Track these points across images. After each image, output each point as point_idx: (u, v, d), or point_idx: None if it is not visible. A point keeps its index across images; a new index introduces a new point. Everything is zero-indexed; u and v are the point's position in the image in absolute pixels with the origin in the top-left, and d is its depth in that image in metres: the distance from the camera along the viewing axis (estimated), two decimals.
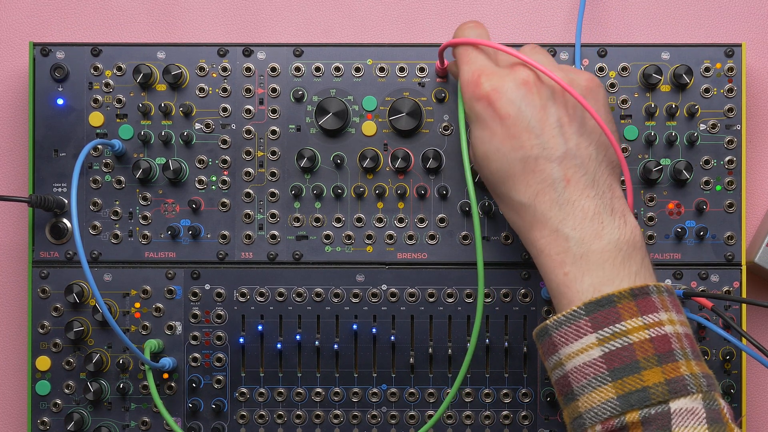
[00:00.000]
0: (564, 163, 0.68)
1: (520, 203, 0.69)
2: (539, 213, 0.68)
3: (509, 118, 0.68)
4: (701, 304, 0.79)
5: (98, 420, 0.82)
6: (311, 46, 0.82)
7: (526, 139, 0.68)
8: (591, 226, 0.67)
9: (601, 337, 0.64)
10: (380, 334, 0.82)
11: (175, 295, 0.82)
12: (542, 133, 0.68)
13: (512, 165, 0.68)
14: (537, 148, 0.68)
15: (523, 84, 0.68)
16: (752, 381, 0.86)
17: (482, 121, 0.69)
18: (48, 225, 0.82)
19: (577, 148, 0.68)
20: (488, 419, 0.82)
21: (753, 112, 0.86)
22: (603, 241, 0.67)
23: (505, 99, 0.68)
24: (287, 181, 0.82)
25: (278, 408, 0.82)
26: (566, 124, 0.69)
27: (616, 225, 0.67)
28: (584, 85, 0.70)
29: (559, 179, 0.68)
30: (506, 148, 0.68)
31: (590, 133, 0.69)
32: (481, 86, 0.69)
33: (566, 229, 0.67)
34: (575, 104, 0.69)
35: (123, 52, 0.82)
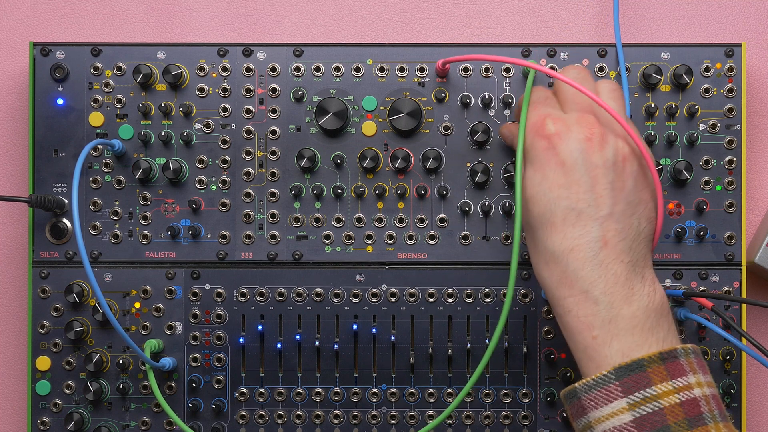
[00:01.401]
0: (605, 225, 0.68)
1: (552, 254, 0.68)
2: (570, 270, 0.67)
3: (564, 165, 0.68)
4: (701, 304, 0.79)
5: (98, 420, 0.82)
6: (311, 46, 0.82)
7: (575, 191, 0.68)
8: (621, 291, 0.67)
9: (631, 401, 0.64)
10: (380, 334, 0.82)
11: (175, 295, 0.82)
12: (592, 190, 0.68)
13: (555, 212, 0.68)
14: (583, 203, 0.68)
15: (586, 139, 0.68)
16: (752, 381, 0.86)
17: (538, 162, 0.69)
18: (48, 225, 0.82)
19: (621, 214, 0.68)
20: (488, 419, 0.82)
21: (753, 112, 0.86)
22: (632, 307, 0.66)
23: (565, 146, 0.68)
24: (287, 181, 0.82)
25: (278, 408, 0.82)
26: (618, 189, 0.68)
27: (646, 292, 0.67)
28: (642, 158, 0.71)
29: (596, 239, 0.67)
30: (554, 194, 0.68)
31: (637, 204, 0.69)
32: (546, 127, 0.69)
33: (596, 291, 0.67)
34: (632, 173, 0.69)
35: (123, 52, 0.82)
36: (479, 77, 0.82)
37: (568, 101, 0.72)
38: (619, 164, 0.69)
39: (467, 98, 0.81)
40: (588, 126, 0.69)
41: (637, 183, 0.69)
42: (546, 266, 0.69)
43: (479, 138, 0.81)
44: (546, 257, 0.69)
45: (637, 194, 0.69)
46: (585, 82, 0.73)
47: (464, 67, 0.82)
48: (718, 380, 0.81)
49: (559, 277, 0.68)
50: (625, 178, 0.69)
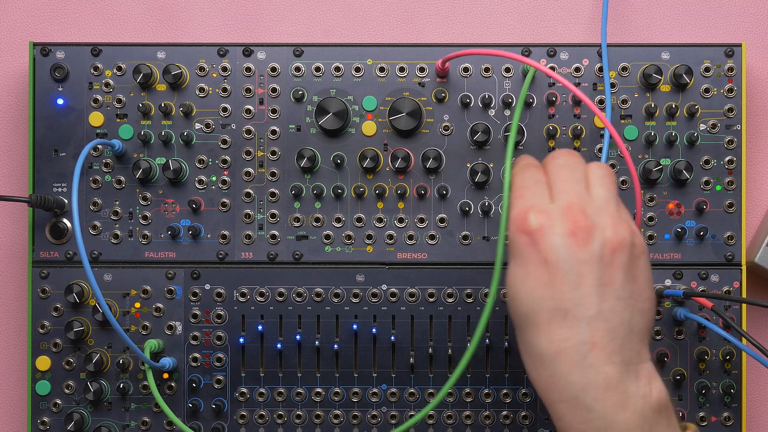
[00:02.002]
0: (593, 325, 0.63)
1: (540, 356, 0.64)
2: (558, 374, 0.63)
3: (547, 263, 0.64)
4: (701, 304, 0.79)
5: (98, 420, 0.82)
6: (311, 46, 0.82)
7: (560, 291, 0.63)
8: (614, 396, 0.63)
9: None
10: (380, 334, 0.82)
11: (175, 295, 0.82)
12: (578, 288, 0.64)
13: (539, 313, 0.64)
14: (569, 302, 0.63)
15: (570, 233, 0.64)
16: (752, 381, 0.86)
17: (521, 258, 0.65)
18: (48, 225, 0.82)
19: (611, 312, 0.64)
20: (488, 419, 0.82)
21: (753, 112, 0.86)
22: (627, 412, 0.63)
23: (548, 242, 0.64)
24: (287, 181, 0.82)
25: (278, 408, 0.82)
26: (606, 284, 0.64)
27: (641, 393, 0.64)
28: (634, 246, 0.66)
29: (584, 341, 0.63)
30: (537, 294, 0.64)
31: (628, 298, 0.65)
32: (528, 222, 0.64)
33: (588, 399, 0.63)
34: (621, 266, 0.65)
35: (123, 52, 0.82)
36: (479, 77, 0.82)
37: (556, 187, 0.67)
38: (607, 258, 0.64)
39: (467, 98, 0.81)
40: (573, 219, 0.64)
41: (628, 276, 0.65)
42: (535, 369, 0.65)
43: (479, 138, 0.81)
44: (534, 359, 0.65)
45: (628, 288, 0.65)
46: (576, 167, 0.69)
47: (464, 66, 0.82)
48: (718, 380, 0.82)
49: (548, 381, 0.64)
50: (614, 272, 0.64)
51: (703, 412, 0.82)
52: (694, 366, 0.82)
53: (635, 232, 0.67)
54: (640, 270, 0.66)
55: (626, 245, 0.65)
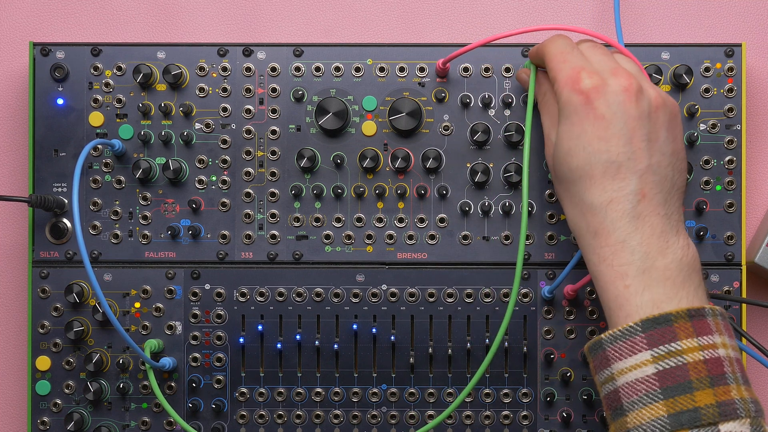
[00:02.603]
0: (644, 177, 0.68)
1: (591, 205, 0.69)
2: (608, 221, 0.68)
3: (604, 119, 0.68)
4: None
5: (98, 420, 0.82)
6: (311, 46, 0.82)
7: (615, 145, 0.68)
8: (657, 242, 0.67)
9: (656, 354, 0.64)
10: (380, 334, 0.82)
11: (175, 295, 0.82)
12: (631, 143, 0.68)
13: (594, 166, 0.68)
14: (623, 156, 0.68)
15: (624, 90, 0.68)
16: (752, 381, 0.86)
17: (576, 116, 0.69)
18: (48, 225, 0.82)
19: (658, 165, 0.69)
20: (488, 419, 0.82)
21: (753, 112, 0.86)
22: (667, 259, 0.67)
23: (604, 100, 0.68)
24: (287, 181, 0.82)
25: (278, 408, 0.82)
26: (654, 140, 0.69)
27: (680, 245, 0.68)
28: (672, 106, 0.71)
29: (635, 191, 0.68)
30: (593, 147, 0.68)
31: (671, 154, 0.70)
32: (582, 82, 0.69)
33: (633, 242, 0.67)
34: (664, 124, 0.70)
35: (123, 52, 0.82)
36: (479, 77, 0.82)
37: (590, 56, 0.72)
38: (653, 115, 0.69)
39: (467, 98, 0.81)
40: (625, 77, 0.69)
41: (669, 133, 0.70)
42: (583, 217, 0.70)
43: (479, 138, 0.81)
44: (583, 208, 0.69)
45: (670, 145, 0.70)
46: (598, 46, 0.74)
47: (464, 66, 0.82)
48: None
49: (596, 228, 0.68)
50: (659, 128, 0.69)
51: None
52: None
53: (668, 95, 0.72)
54: (678, 130, 0.71)
55: (668, 104, 0.70)
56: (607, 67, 0.70)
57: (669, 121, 0.70)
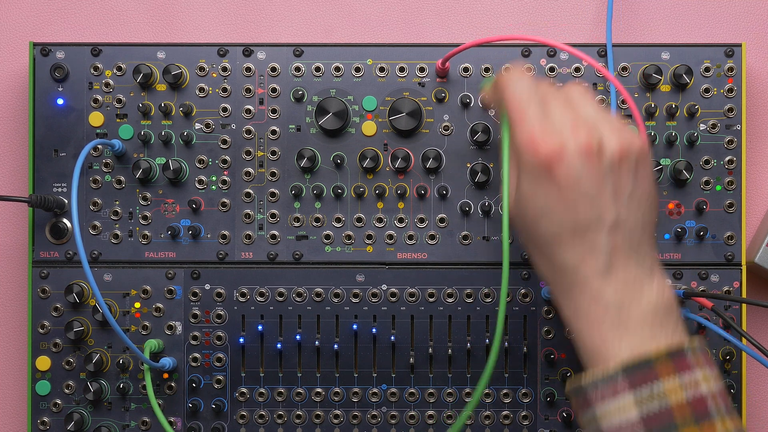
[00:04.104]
0: (613, 231, 0.67)
1: (562, 266, 0.67)
2: (581, 277, 0.67)
3: (568, 184, 0.66)
4: (701, 304, 0.79)
5: (98, 420, 0.82)
6: (311, 46, 0.82)
7: (582, 207, 0.66)
8: (631, 291, 0.66)
9: (638, 397, 0.64)
10: (380, 334, 0.82)
11: (175, 295, 0.82)
12: (597, 202, 0.66)
13: (562, 230, 0.67)
14: (591, 216, 0.66)
15: (584, 152, 0.66)
16: (752, 381, 0.86)
17: (537, 183, 0.67)
18: (48, 225, 0.82)
19: (627, 215, 0.67)
20: (488, 419, 0.82)
21: (753, 112, 0.86)
22: (642, 306, 0.66)
23: (565, 165, 0.66)
24: (287, 181, 0.82)
25: (278, 408, 0.82)
26: (620, 192, 0.67)
27: (655, 290, 0.67)
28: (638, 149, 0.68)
29: (606, 247, 0.66)
30: (559, 211, 0.66)
31: (639, 199, 0.68)
32: (541, 148, 0.66)
33: (607, 295, 0.66)
34: (629, 171, 0.68)
35: (123, 52, 0.82)
36: (479, 77, 0.82)
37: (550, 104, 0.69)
38: (616, 165, 0.67)
39: (467, 98, 0.81)
40: (584, 134, 0.66)
41: (635, 179, 0.68)
42: (554, 276, 0.68)
43: (479, 138, 0.81)
44: (554, 268, 0.68)
45: (637, 191, 0.68)
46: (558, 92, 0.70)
47: (464, 66, 0.82)
48: None
49: (569, 285, 0.67)
50: (624, 179, 0.68)
51: None
52: None
53: (634, 135, 0.69)
54: (646, 171, 0.69)
55: (632, 150, 0.68)
56: (566, 123, 0.67)
57: (634, 168, 0.68)
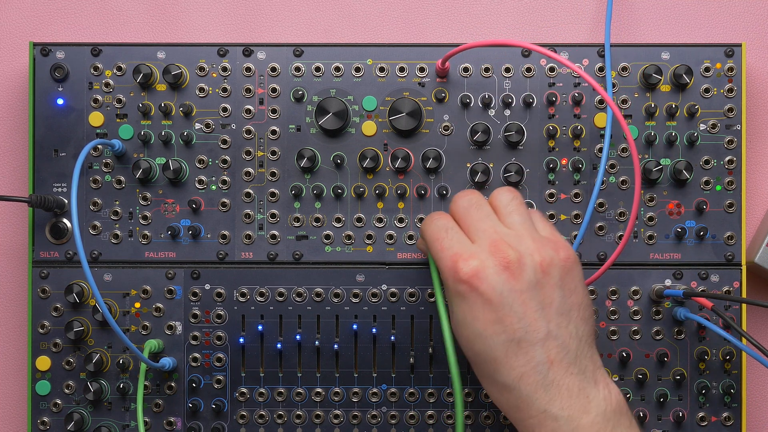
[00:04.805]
0: (546, 345, 0.67)
1: (504, 384, 0.68)
2: (524, 395, 0.67)
3: (491, 303, 0.67)
4: (701, 304, 0.79)
5: (98, 420, 0.82)
6: (311, 46, 0.82)
7: (509, 324, 0.67)
8: (578, 402, 0.67)
9: None
10: (380, 334, 0.82)
11: (175, 295, 0.82)
12: (525, 317, 0.67)
13: (495, 348, 0.67)
14: (520, 332, 0.67)
15: (504, 268, 0.67)
16: (752, 381, 0.86)
17: (465, 304, 0.68)
18: (48, 225, 0.82)
19: (558, 328, 0.68)
20: (488, 419, 0.82)
21: (753, 112, 0.86)
22: (591, 415, 0.66)
23: (487, 284, 0.67)
24: (287, 181, 0.82)
25: (278, 408, 0.82)
26: (547, 305, 0.68)
27: (602, 396, 0.67)
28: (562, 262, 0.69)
29: (542, 362, 0.67)
30: (489, 331, 0.67)
31: (570, 311, 0.69)
32: (461, 271, 0.67)
33: (554, 409, 0.66)
34: (555, 284, 0.68)
35: (123, 52, 0.82)
36: (479, 77, 0.82)
37: (471, 228, 0.70)
38: (541, 280, 0.68)
39: (467, 98, 0.81)
40: (501, 254, 0.67)
41: (564, 290, 0.69)
42: (500, 395, 0.69)
43: (479, 138, 0.81)
44: (498, 388, 0.69)
45: (567, 302, 0.69)
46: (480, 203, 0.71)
47: (464, 66, 0.82)
48: (718, 380, 0.82)
49: (515, 404, 0.68)
50: (550, 291, 0.68)
51: (703, 412, 0.82)
52: (694, 366, 0.82)
53: (560, 245, 0.70)
54: (575, 281, 0.70)
55: (555, 263, 0.69)
56: (485, 242, 0.68)
57: (561, 279, 0.69)
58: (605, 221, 0.82)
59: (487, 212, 0.71)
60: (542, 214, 0.74)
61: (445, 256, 0.69)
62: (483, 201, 0.72)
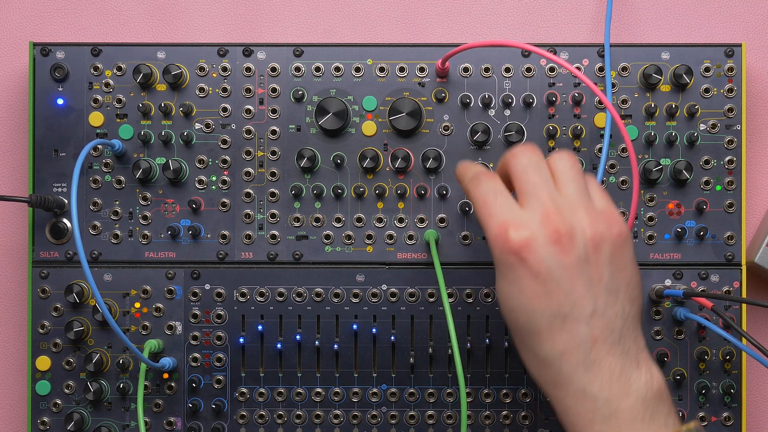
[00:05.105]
0: (591, 323, 0.65)
1: (544, 359, 0.66)
2: (564, 373, 0.65)
3: (539, 275, 0.65)
4: (701, 304, 0.79)
5: (98, 420, 0.82)
6: (311, 46, 0.82)
7: (556, 298, 0.65)
8: (618, 384, 0.65)
9: None
10: (380, 334, 0.82)
11: (175, 295, 0.82)
12: (572, 293, 0.65)
13: (540, 321, 0.65)
14: (566, 307, 0.65)
15: (555, 241, 0.65)
16: (752, 381, 0.86)
17: (511, 275, 0.66)
18: (48, 225, 0.82)
19: (605, 307, 0.66)
20: (488, 419, 0.82)
21: (753, 112, 0.86)
22: (631, 399, 0.65)
23: (536, 256, 0.65)
24: (287, 181, 0.82)
25: (278, 408, 0.82)
26: (596, 282, 0.66)
27: (644, 381, 0.66)
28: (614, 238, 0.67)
29: (586, 340, 0.65)
30: (534, 304, 0.65)
31: (617, 290, 0.67)
32: (511, 240, 0.65)
33: (593, 390, 0.65)
34: (606, 260, 0.66)
35: (123, 52, 0.82)
36: (479, 77, 0.82)
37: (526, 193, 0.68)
38: (591, 257, 0.66)
39: (467, 98, 0.81)
40: (553, 227, 0.65)
41: (613, 268, 0.67)
42: (539, 370, 0.67)
43: (479, 138, 0.81)
44: (538, 362, 0.67)
45: (615, 280, 0.67)
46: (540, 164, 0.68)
47: (464, 66, 0.82)
48: (718, 380, 0.82)
49: (554, 380, 0.66)
50: (600, 268, 0.66)
51: (703, 412, 0.82)
52: (694, 366, 0.82)
53: (613, 221, 0.68)
54: (625, 258, 0.68)
55: (607, 239, 0.67)
56: (537, 210, 0.66)
57: (612, 254, 0.67)
58: None
59: (545, 177, 0.68)
60: (598, 183, 0.72)
61: (493, 223, 0.66)
62: (543, 163, 0.69)
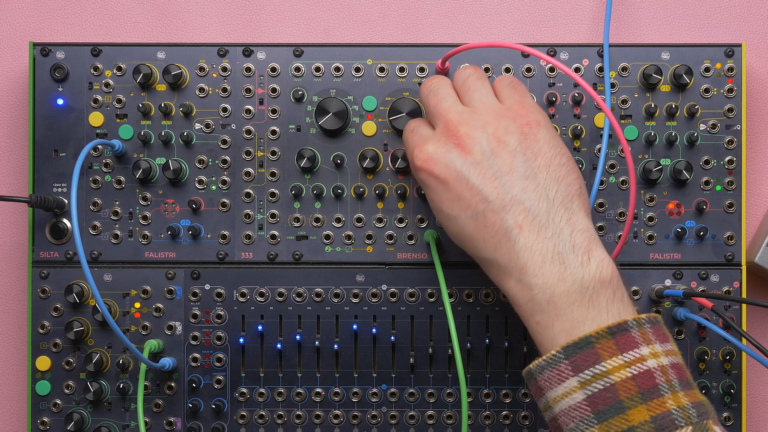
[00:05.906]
0: (512, 210, 0.67)
1: (484, 259, 0.69)
2: (502, 265, 0.67)
3: (449, 182, 0.68)
4: (701, 304, 0.79)
5: (98, 420, 0.82)
6: (311, 46, 0.82)
7: (469, 197, 0.67)
8: (552, 269, 0.65)
9: (582, 379, 0.63)
10: (380, 334, 0.82)
11: (175, 295, 0.82)
12: (483, 188, 0.67)
13: (465, 226, 0.68)
14: (481, 204, 0.67)
15: (456, 145, 0.69)
16: (752, 381, 0.86)
17: (430, 192, 0.70)
18: (48, 225, 0.82)
19: (523, 192, 0.67)
20: (488, 419, 0.82)
21: (753, 112, 0.86)
22: (567, 283, 0.65)
23: (441, 165, 0.69)
24: (287, 181, 0.82)
25: (278, 408, 0.82)
26: (506, 172, 0.67)
27: (579, 263, 0.65)
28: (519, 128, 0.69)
29: (511, 227, 0.66)
30: (455, 211, 0.68)
31: (535, 174, 0.68)
32: (416, 159, 0.70)
33: (528, 276, 0.66)
34: (514, 150, 0.68)
35: (123, 52, 0.82)
36: None
37: (430, 114, 0.73)
38: (496, 149, 0.68)
39: None
40: (452, 132, 0.69)
41: (526, 155, 0.68)
42: (487, 269, 0.70)
43: None
44: (485, 265, 0.70)
45: (531, 165, 0.68)
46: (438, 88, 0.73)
47: None
48: (718, 380, 0.81)
49: (498, 274, 0.68)
50: (508, 158, 0.68)
51: None
52: (694, 366, 0.82)
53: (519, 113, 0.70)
54: (539, 143, 0.69)
55: (512, 130, 0.69)
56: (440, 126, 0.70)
57: (520, 144, 0.68)
58: (605, 221, 0.82)
59: (443, 95, 0.72)
60: (512, 80, 0.74)
61: (408, 154, 0.72)
62: (441, 84, 0.73)
